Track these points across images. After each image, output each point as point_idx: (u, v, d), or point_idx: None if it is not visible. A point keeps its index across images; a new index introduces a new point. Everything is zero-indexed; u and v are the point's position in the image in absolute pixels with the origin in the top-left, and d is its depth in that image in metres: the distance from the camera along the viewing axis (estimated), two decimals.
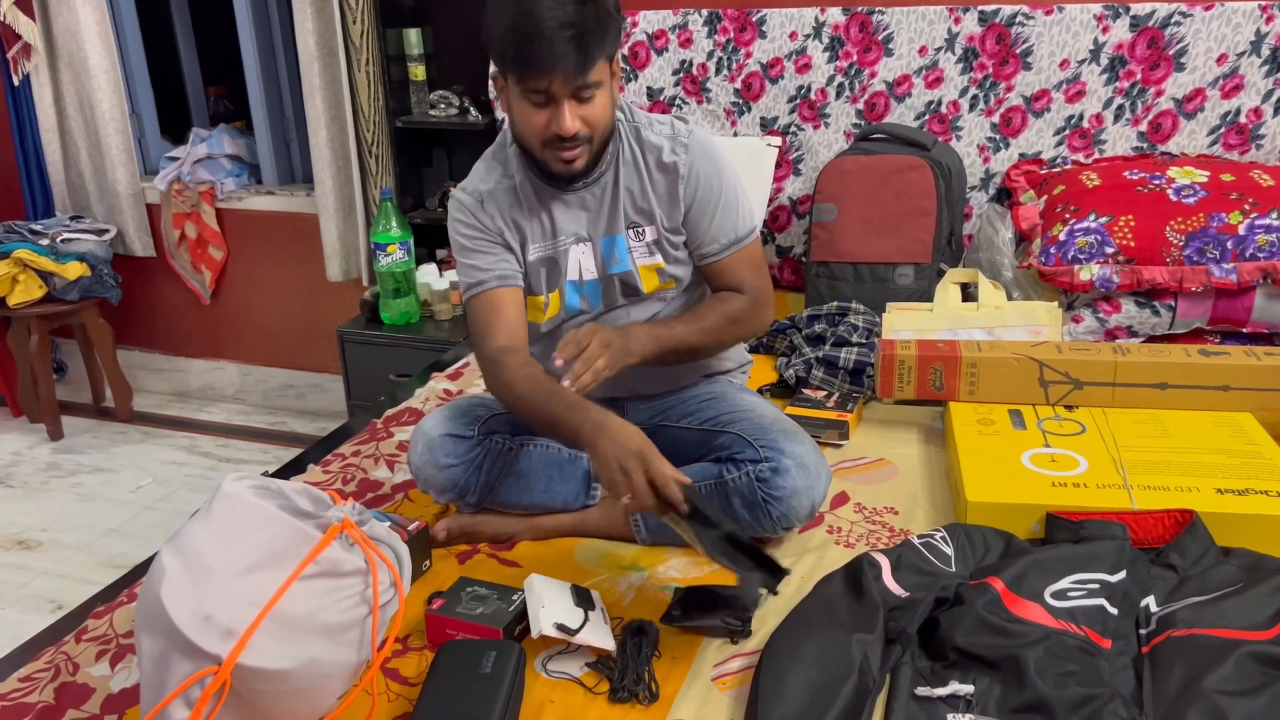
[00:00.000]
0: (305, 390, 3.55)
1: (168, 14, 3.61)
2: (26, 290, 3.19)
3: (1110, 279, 2.09)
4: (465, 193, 1.66)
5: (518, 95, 1.47)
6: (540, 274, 1.67)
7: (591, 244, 1.66)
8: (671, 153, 1.62)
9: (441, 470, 1.60)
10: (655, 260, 1.67)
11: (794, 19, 2.59)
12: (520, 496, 1.64)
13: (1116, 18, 2.35)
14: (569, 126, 1.46)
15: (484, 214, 1.63)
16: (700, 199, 1.63)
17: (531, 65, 1.41)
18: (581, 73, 1.42)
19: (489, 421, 1.64)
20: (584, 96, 1.46)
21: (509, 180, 1.64)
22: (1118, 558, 1.38)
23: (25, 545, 2.77)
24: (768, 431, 1.59)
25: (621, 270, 1.67)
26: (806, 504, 1.55)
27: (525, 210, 1.64)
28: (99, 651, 1.41)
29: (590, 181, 1.62)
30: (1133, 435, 1.75)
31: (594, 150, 1.54)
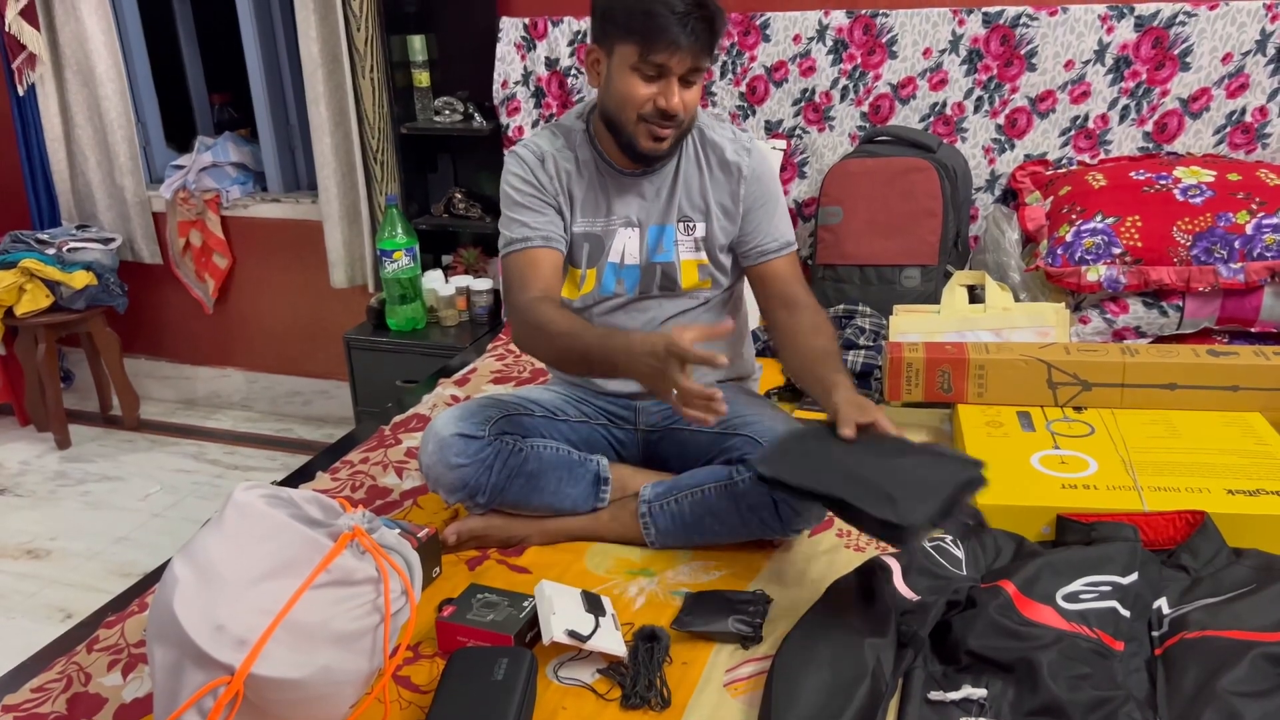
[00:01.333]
0: (312, 397, 3.56)
1: (172, 22, 3.62)
2: (34, 299, 3.19)
3: (1117, 280, 2.09)
4: (526, 148, 1.68)
5: (629, 66, 1.51)
6: (583, 248, 1.69)
7: (640, 230, 1.69)
8: (735, 153, 1.68)
9: (452, 470, 1.60)
10: (699, 256, 1.70)
11: (797, 22, 2.59)
12: (530, 498, 1.64)
13: (1121, 18, 2.35)
14: (676, 104, 1.51)
15: (543, 172, 1.66)
16: (762, 199, 1.69)
17: (663, 37, 1.46)
18: (702, 56, 1.50)
19: (500, 422, 1.64)
20: (691, 80, 1.53)
21: (571, 151, 1.67)
22: (1129, 559, 1.38)
23: (34, 554, 2.78)
24: (777, 435, 1.59)
25: (664, 260, 1.69)
26: (818, 506, 1.55)
27: (582, 184, 1.67)
28: (110, 661, 1.41)
29: (651, 170, 1.67)
30: (1142, 436, 1.75)
31: (679, 135, 1.59)
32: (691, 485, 1.62)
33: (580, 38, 2.76)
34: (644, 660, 1.32)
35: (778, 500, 1.54)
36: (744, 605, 1.42)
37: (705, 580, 1.54)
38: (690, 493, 1.61)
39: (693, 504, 1.60)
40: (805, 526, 1.59)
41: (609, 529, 1.66)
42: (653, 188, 1.68)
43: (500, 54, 2.83)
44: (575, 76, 2.79)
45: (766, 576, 1.54)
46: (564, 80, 2.79)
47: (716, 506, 1.59)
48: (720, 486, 1.59)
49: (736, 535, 1.60)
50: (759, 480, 1.42)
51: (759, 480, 1.42)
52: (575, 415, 1.77)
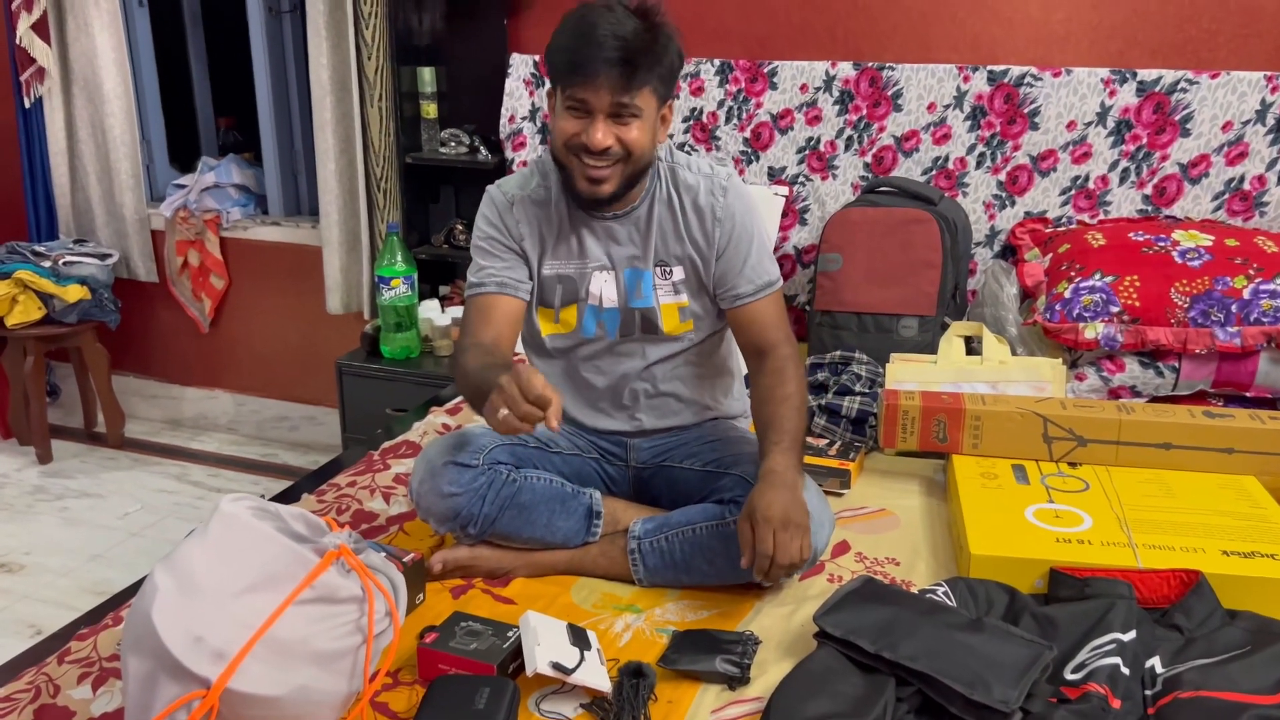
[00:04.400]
0: (299, 422, 3.53)
1: (183, 44, 3.64)
2: (25, 311, 3.17)
3: (1115, 338, 2.09)
4: (500, 191, 1.69)
5: (560, 102, 1.52)
6: (556, 289, 1.68)
7: (614, 273, 1.67)
8: (709, 194, 1.65)
9: (444, 499, 1.58)
10: (679, 299, 1.69)
11: (805, 72, 2.62)
12: (521, 529, 1.62)
13: (1124, 82, 2.38)
14: (599, 140, 1.49)
15: (510, 216, 1.66)
16: (735, 241, 1.65)
17: (576, 71, 1.47)
18: (622, 91, 1.47)
19: (493, 451, 1.63)
20: (622, 117, 1.50)
21: (545, 191, 1.66)
22: (1128, 616, 1.36)
23: (7, 568, 2.73)
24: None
25: (644, 305, 1.68)
26: (807, 549, 1.52)
27: (553, 225, 1.66)
28: (81, 674, 1.37)
29: (622, 214, 1.65)
30: (1137, 494, 1.74)
31: (624, 177, 1.56)
32: (683, 523, 1.60)
33: None
34: (629, 696, 1.29)
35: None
36: (732, 645, 1.39)
37: (693, 619, 1.51)
38: (681, 531, 1.59)
39: (683, 543, 1.58)
40: (793, 575, 1.56)
41: (597, 564, 1.64)
42: (625, 232, 1.66)
43: (509, 89, 2.85)
44: None
45: (756, 618, 1.51)
46: None
47: (708, 546, 1.56)
48: (712, 526, 1.57)
49: (726, 578, 1.57)
50: (822, 638, 1.35)
51: (822, 638, 1.35)
52: (568, 448, 1.75)
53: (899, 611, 1.37)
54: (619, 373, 1.72)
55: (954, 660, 1.27)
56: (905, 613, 1.37)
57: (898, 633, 1.33)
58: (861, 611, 1.38)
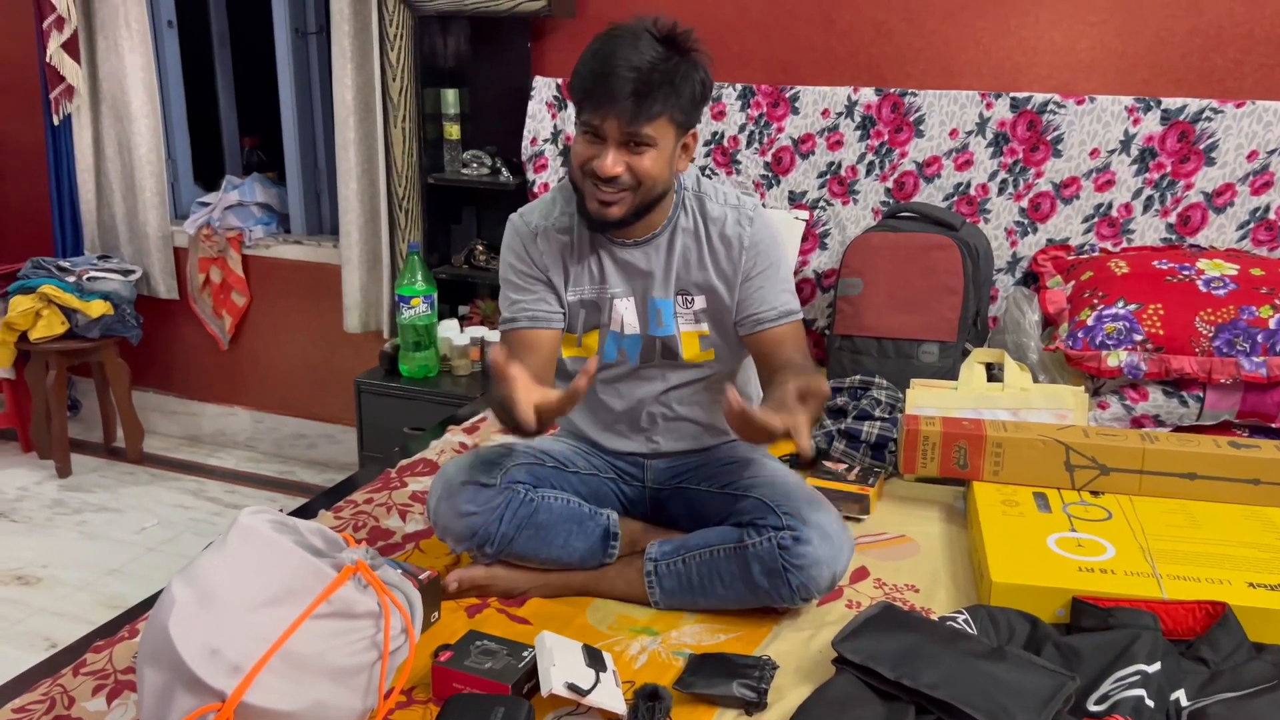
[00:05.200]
0: (317, 440, 3.53)
1: (210, 64, 3.69)
2: (49, 325, 3.20)
3: (1138, 366, 2.07)
4: (523, 220, 1.68)
5: (577, 126, 1.53)
6: (579, 315, 1.69)
7: (635, 300, 1.67)
8: (736, 224, 1.64)
9: (461, 518, 1.57)
10: (700, 328, 1.68)
11: (827, 97, 2.62)
12: (538, 550, 1.61)
13: (1148, 110, 2.38)
14: (607, 168, 1.49)
15: (534, 246, 1.66)
16: (759, 268, 1.64)
17: (589, 98, 1.48)
18: (634, 121, 1.47)
19: (512, 471, 1.62)
20: (635, 147, 1.50)
21: (568, 218, 1.66)
22: (1153, 648, 1.34)
23: (24, 581, 2.74)
24: (791, 498, 1.56)
25: (665, 334, 1.67)
26: (828, 574, 1.52)
27: (575, 252, 1.66)
28: (96, 686, 1.37)
29: (644, 241, 1.65)
30: (1161, 524, 1.72)
31: (634, 205, 1.55)
32: (700, 546, 1.59)
33: None
34: (644, 719, 1.28)
35: (788, 568, 1.51)
36: (749, 670, 1.37)
37: (710, 642, 1.50)
38: (698, 554, 1.58)
39: (700, 565, 1.57)
40: (814, 597, 1.55)
41: (613, 585, 1.63)
42: (646, 259, 1.65)
43: (531, 111, 2.87)
44: None
45: (773, 642, 1.50)
46: None
47: (725, 570, 1.55)
48: (730, 549, 1.56)
49: (743, 602, 1.56)
50: (841, 664, 1.34)
51: (841, 664, 1.34)
52: (585, 468, 1.74)
53: (919, 638, 1.36)
54: (637, 396, 1.72)
55: (975, 689, 1.25)
56: (926, 640, 1.35)
57: (918, 660, 1.31)
58: (881, 638, 1.36)
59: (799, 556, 1.50)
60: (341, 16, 2.93)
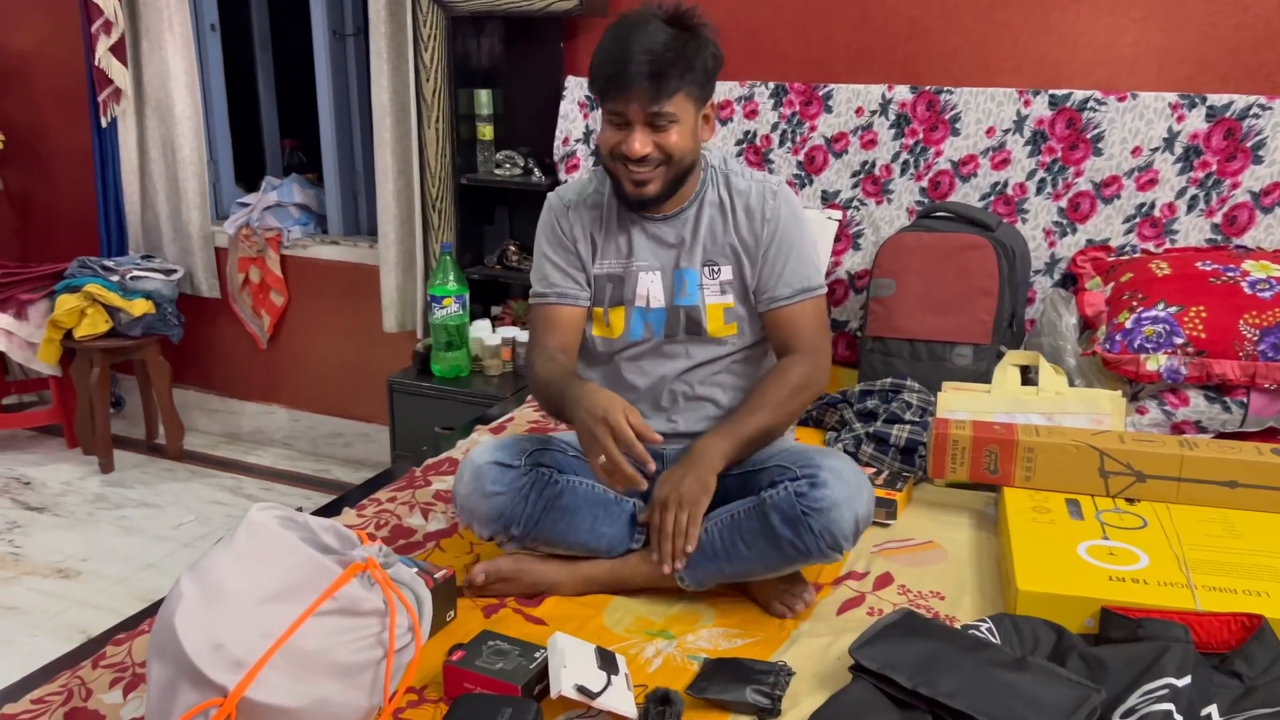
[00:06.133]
0: (353, 439, 3.56)
1: (253, 67, 3.74)
2: (93, 324, 3.26)
3: (1178, 370, 2.01)
4: (558, 197, 1.77)
5: (603, 115, 1.60)
6: (605, 289, 1.73)
7: (661, 273, 1.71)
8: (760, 196, 1.70)
9: (487, 498, 1.56)
10: (725, 299, 1.71)
11: (861, 95, 2.59)
12: (565, 534, 1.61)
13: (1192, 107, 2.31)
14: (636, 149, 1.56)
15: (566, 220, 1.73)
16: (779, 241, 1.68)
17: (610, 85, 1.55)
18: (654, 101, 1.54)
19: (535, 454, 1.62)
20: (658, 125, 1.57)
21: (600, 195, 1.73)
22: (1183, 661, 1.29)
23: (64, 574, 2.79)
24: (805, 455, 1.57)
25: (689, 304, 1.70)
26: (849, 517, 1.48)
27: (605, 226, 1.73)
28: (114, 679, 1.38)
29: (672, 215, 1.70)
30: (1198, 533, 1.66)
31: (668, 179, 1.62)
32: (720, 513, 1.58)
33: None
34: None
35: (807, 512, 1.48)
36: (764, 676, 1.35)
37: (726, 646, 1.48)
38: (719, 519, 1.57)
39: (721, 530, 1.56)
40: (841, 546, 1.50)
41: (637, 572, 1.62)
42: (674, 232, 1.71)
43: (564, 111, 2.87)
44: None
45: (791, 647, 1.47)
46: None
47: (746, 528, 1.54)
48: (749, 508, 1.55)
49: (770, 561, 1.53)
50: (857, 671, 1.31)
51: (857, 671, 1.31)
52: None
53: (939, 646, 1.32)
54: (660, 373, 1.73)
55: (995, 700, 1.22)
56: (946, 648, 1.32)
57: (937, 668, 1.28)
58: (900, 645, 1.33)
59: (816, 500, 1.48)
60: (378, 18, 2.95)
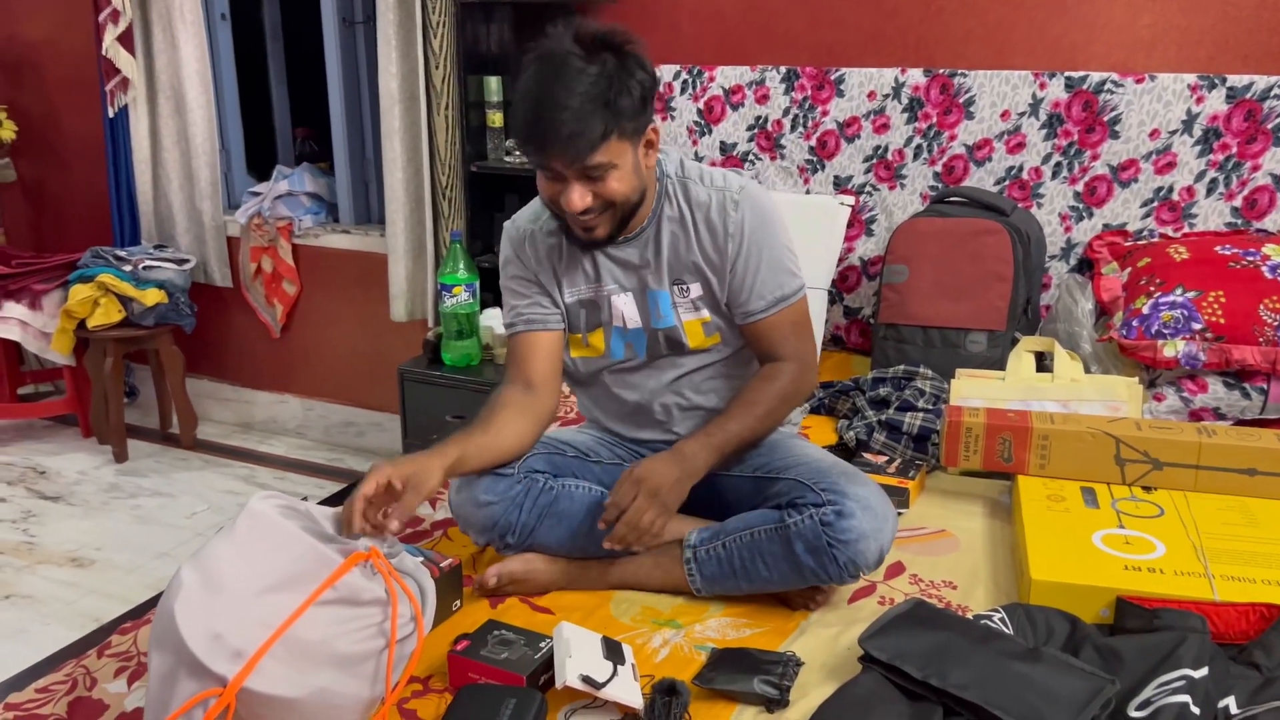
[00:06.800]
0: (366, 428, 3.56)
1: (263, 56, 3.73)
2: (106, 313, 3.26)
3: (1196, 356, 1.98)
4: (514, 226, 1.70)
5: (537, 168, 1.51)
6: (580, 315, 1.67)
7: (633, 295, 1.65)
8: (720, 209, 1.60)
9: (480, 508, 1.56)
10: (701, 315, 1.65)
11: (873, 79, 2.55)
12: (562, 541, 1.59)
13: (1212, 89, 2.27)
14: (575, 204, 1.48)
15: (524, 251, 1.67)
16: (745, 255, 1.60)
17: (535, 145, 1.45)
18: (581, 157, 1.43)
19: (529, 460, 1.60)
20: (593, 176, 1.47)
21: (555, 221, 1.63)
22: (1200, 652, 1.27)
23: (78, 563, 2.80)
24: (827, 475, 1.53)
25: (666, 326, 1.65)
26: (875, 549, 1.47)
27: (565, 255, 1.65)
28: (119, 668, 1.38)
29: (632, 237, 1.62)
30: (1216, 522, 1.63)
31: (615, 221, 1.55)
32: (740, 529, 1.55)
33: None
34: (660, 714, 1.24)
35: (833, 544, 1.46)
36: (772, 666, 1.33)
37: (734, 636, 1.46)
38: (739, 536, 1.54)
39: (740, 549, 1.53)
40: (863, 573, 1.49)
41: (651, 575, 1.60)
42: (637, 253, 1.63)
43: None
44: None
45: (799, 638, 1.45)
46: None
47: (768, 551, 1.51)
48: (771, 530, 1.52)
49: (787, 581, 1.52)
50: (867, 661, 1.30)
51: (867, 661, 1.30)
52: (608, 457, 1.72)
53: (950, 637, 1.30)
54: (649, 388, 1.70)
55: (1007, 691, 1.20)
56: (957, 639, 1.30)
57: (948, 659, 1.26)
58: (910, 636, 1.31)
59: (843, 532, 1.46)
60: (387, 5, 2.93)
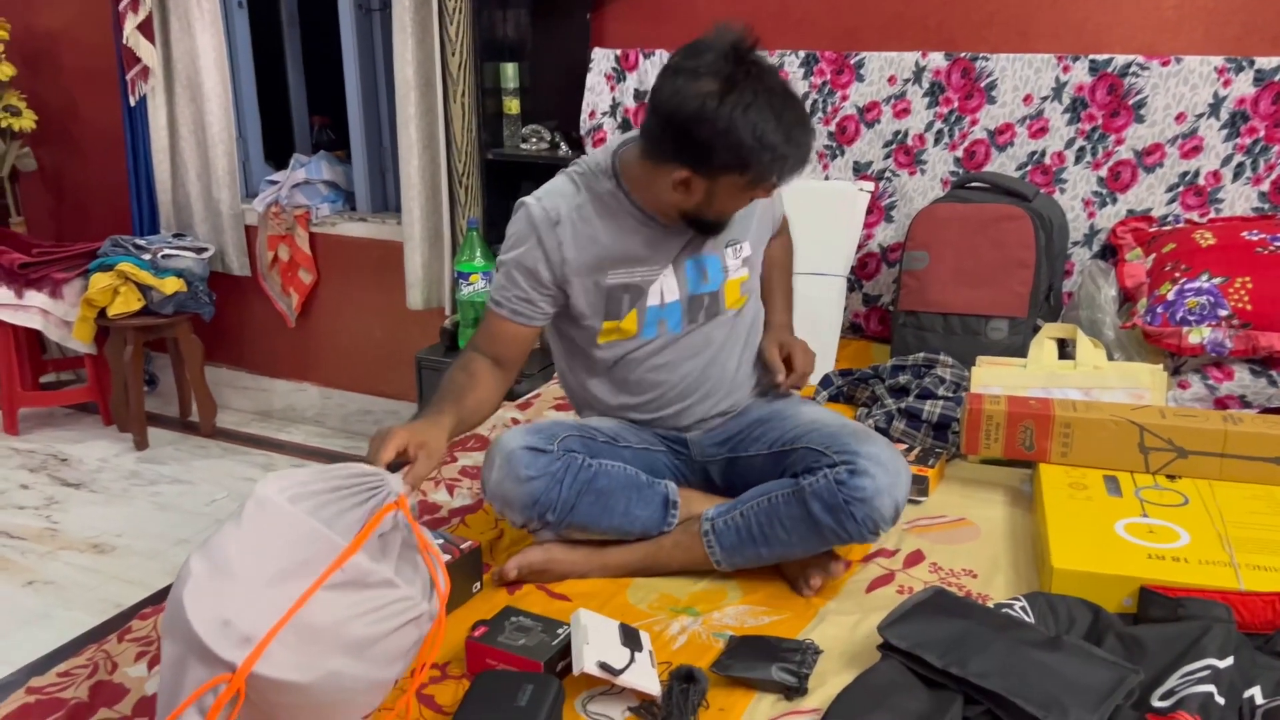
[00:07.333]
0: (383, 416, 3.57)
1: (280, 45, 3.73)
2: (125, 302, 3.28)
3: (1223, 343, 1.95)
4: (541, 207, 1.59)
5: (738, 190, 1.50)
6: (623, 298, 1.64)
7: (674, 266, 1.64)
8: None
9: (521, 484, 1.53)
10: (743, 273, 1.70)
11: (893, 63, 2.52)
12: (600, 518, 1.58)
13: (1240, 71, 2.23)
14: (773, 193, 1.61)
15: (552, 236, 1.58)
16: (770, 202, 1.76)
17: (791, 168, 1.48)
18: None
19: (566, 440, 1.59)
20: None
21: (598, 203, 1.60)
22: (1225, 642, 1.25)
23: (100, 549, 2.82)
24: (837, 437, 1.54)
25: (709, 289, 1.67)
26: (890, 504, 1.47)
27: (613, 231, 1.60)
28: (139, 653, 1.39)
29: None
30: (1242, 511, 1.61)
31: None
32: (756, 496, 1.56)
33: None
34: (678, 702, 1.24)
35: (849, 500, 1.46)
36: (790, 654, 1.32)
37: (752, 624, 1.45)
38: (755, 503, 1.55)
39: (758, 514, 1.53)
40: (881, 530, 1.49)
41: (672, 556, 1.59)
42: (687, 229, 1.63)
43: (590, 84, 2.83)
44: None
45: (818, 626, 1.44)
46: None
47: (785, 514, 1.51)
48: (788, 493, 1.52)
49: (807, 544, 1.51)
50: (886, 650, 1.29)
51: (886, 650, 1.29)
52: (636, 442, 1.71)
53: (971, 625, 1.29)
54: (678, 365, 1.69)
55: (1028, 680, 1.18)
56: (977, 627, 1.28)
57: (968, 648, 1.24)
58: (930, 624, 1.30)
59: (858, 489, 1.46)
60: None
